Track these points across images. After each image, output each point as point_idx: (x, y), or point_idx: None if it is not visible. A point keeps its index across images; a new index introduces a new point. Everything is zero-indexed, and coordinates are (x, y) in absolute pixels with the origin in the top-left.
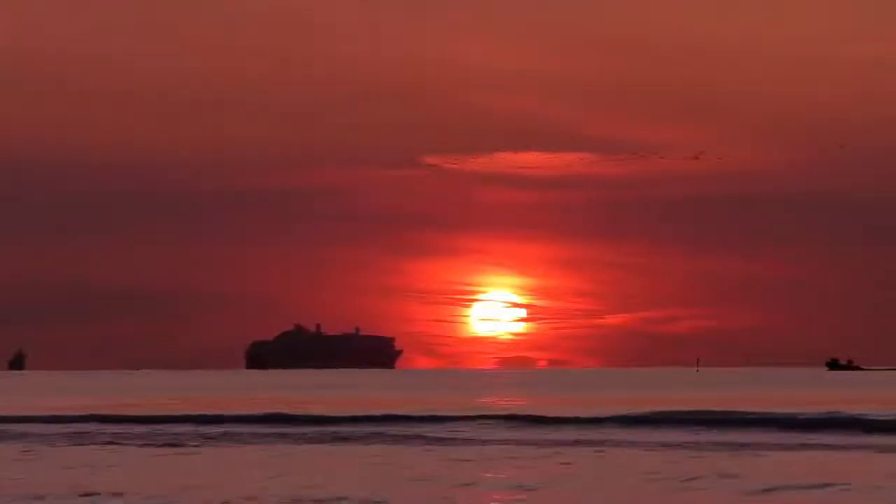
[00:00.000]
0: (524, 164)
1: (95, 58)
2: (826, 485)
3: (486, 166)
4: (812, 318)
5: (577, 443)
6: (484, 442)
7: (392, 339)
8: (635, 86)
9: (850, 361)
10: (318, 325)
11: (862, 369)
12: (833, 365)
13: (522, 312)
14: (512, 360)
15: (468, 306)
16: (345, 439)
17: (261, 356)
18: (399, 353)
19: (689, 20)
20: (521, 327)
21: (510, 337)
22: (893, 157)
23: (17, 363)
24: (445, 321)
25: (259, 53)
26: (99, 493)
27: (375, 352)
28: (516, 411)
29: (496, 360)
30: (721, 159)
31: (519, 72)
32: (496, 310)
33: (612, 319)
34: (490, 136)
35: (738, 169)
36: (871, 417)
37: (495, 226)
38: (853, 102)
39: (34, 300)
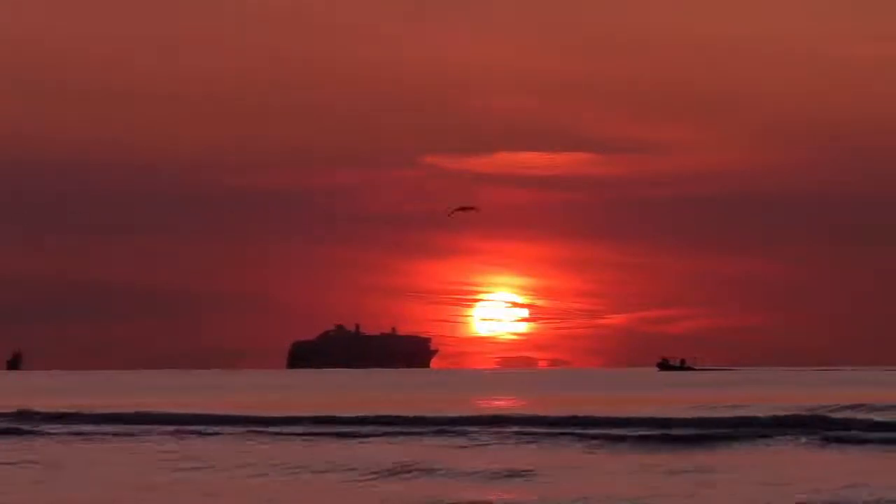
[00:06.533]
0: (524, 164)
1: (95, 58)
2: None
3: (486, 166)
4: (812, 318)
5: None
6: None
7: (428, 340)
8: (635, 86)
9: (682, 361)
10: (357, 326)
11: (693, 369)
12: (664, 365)
13: (524, 312)
14: (513, 360)
15: (469, 306)
16: None
17: (303, 356)
18: (434, 352)
19: (690, 20)
20: (523, 327)
21: (512, 337)
22: (893, 158)
23: (14, 363)
24: (446, 321)
25: (259, 53)
26: None
27: (412, 352)
28: None
29: (497, 360)
30: (721, 159)
31: (519, 72)
32: (498, 310)
33: (612, 319)
34: (490, 136)
35: (739, 168)
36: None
37: (496, 226)
38: (853, 102)
39: (32, 299)
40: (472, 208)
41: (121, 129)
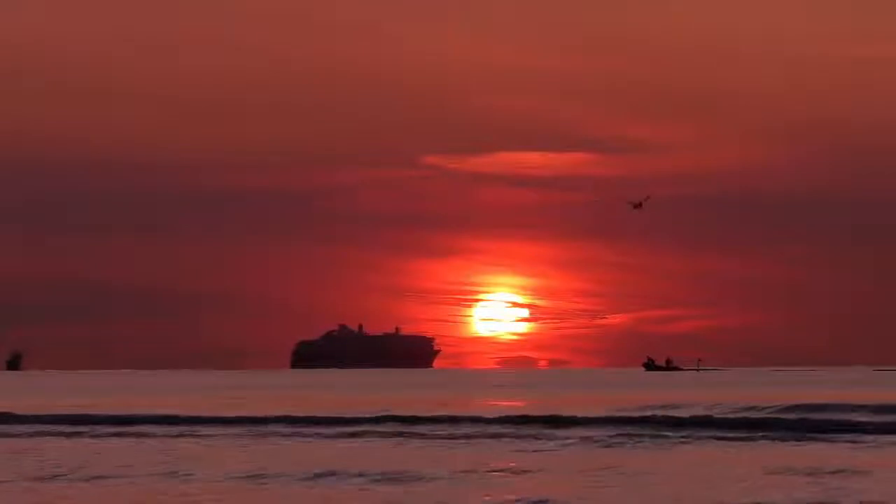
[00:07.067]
0: (524, 164)
1: (96, 58)
2: None
3: (487, 166)
4: (812, 318)
5: None
6: None
7: (432, 340)
8: (635, 86)
9: (668, 361)
10: (360, 326)
11: (679, 370)
12: (649, 366)
13: (524, 312)
14: (513, 360)
15: (470, 306)
16: None
17: (307, 356)
18: (437, 352)
19: (690, 20)
20: (524, 327)
21: (512, 337)
22: (893, 158)
23: (14, 364)
24: (447, 321)
25: (259, 53)
26: None
27: (415, 352)
28: None
29: (497, 360)
30: (721, 159)
31: (519, 72)
32: (498, 310)
33: (612, 319)
34: (490, 136)
35: (739, 168)
36: None
37: (496, 226)
38: (853, 102)
39: (32, 299)
40: (644, 200)
41: (121, 129)
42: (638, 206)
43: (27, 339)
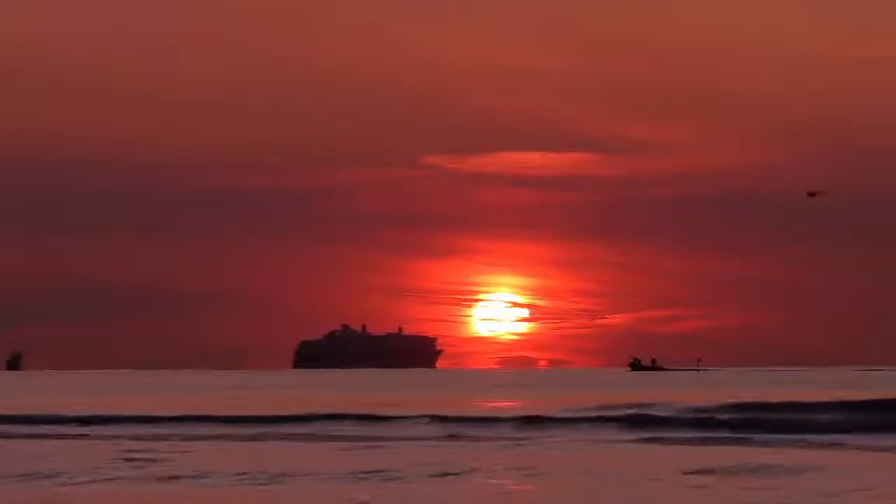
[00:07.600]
0: (525, 164)
1: (96, 58)
2: None
3: (487, 166)
4: (812, 318)
5: None
6: None
7: (434, 340)
8: (635, 86)
9: (653, 361)
10: (363, 326)
11: (665, 370)
12: (635, 366)
13: (524, 312)
14: (513, 360)
15: (470, 306)
16: None
17: (309, 356)
18: (440, 352)
19: (690, 20)
20: (524, 327)
21: (512, 337)
22: (893, 158)
23: (14, 364)
24: (447, 321)
25: (258, 53)
26: None
27: (417, 351)
28: None
29: (497, 360)
30: (721, 159)
31: (519, 72)
32: (498, 310)
33: (612, 319)
34: (491, 136)
35: (739, 168)
36: None
37: (496, 226)
38: (853, 102)
39: (32, 299)
40: (819, 193)
41: (121, 129)
42: (812, 195)
43: (27, 339)
